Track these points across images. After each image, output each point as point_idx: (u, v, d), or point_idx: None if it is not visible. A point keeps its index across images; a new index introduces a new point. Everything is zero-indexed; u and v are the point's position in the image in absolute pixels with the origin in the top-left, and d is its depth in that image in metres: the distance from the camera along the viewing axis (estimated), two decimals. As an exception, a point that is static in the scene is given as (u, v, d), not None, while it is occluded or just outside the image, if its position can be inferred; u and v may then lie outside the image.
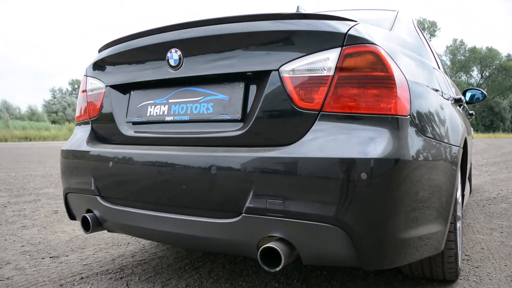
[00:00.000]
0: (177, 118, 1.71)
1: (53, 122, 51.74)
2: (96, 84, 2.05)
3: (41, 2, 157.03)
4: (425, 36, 2.79)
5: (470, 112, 4.00)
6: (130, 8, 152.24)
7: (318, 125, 1.40)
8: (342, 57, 1.40)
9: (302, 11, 1.85)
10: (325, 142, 1.36)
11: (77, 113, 2.22)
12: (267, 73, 1.49)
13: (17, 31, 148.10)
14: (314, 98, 1.42)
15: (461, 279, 2.09)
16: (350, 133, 1.36)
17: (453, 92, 2.54)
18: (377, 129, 1.36)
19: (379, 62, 1.39)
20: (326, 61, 1.41)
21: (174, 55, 1.67)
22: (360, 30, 1.43)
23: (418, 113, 1.49)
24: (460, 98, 2.58)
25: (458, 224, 2.03)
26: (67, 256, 2.55)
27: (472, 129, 4.27)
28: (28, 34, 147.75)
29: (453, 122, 1.95)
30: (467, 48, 67.59)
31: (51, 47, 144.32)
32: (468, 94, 3.87)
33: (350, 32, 1.41)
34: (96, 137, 2.03)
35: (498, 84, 64.59)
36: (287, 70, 1.45)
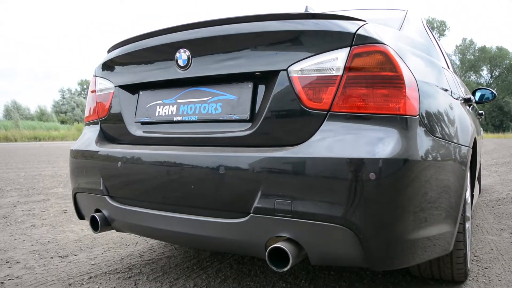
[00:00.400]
0: (185, 118, 1.72)
1: (62, 122, 52.22)
2: (105, 85, 2.06)
3: (41, 2, 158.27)
4: (434, 35, 2.77)
5: (480, 112, 3.97)
6: (130, 8, 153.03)
7: (327, 125, 1.40)
8: (351, 57, 1.39)
9: (311, 11, 1.85)
10: (334, 142, 1.35)
11: (86, 113, 2.23)
12: (275, 73, 1.49)
13: (17, 31, 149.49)
14: (322, 98, 1.42)
15: (470, 280, 2.07)
16: (359, 133, 1.36)
17: (462, 91, 2.52)
18: (386, 129, 1.35)
19: (388, 62, 1.38)
20: (335, 61, 1.41)
21: (182, 55, 1.67)
22: (369, 30, 1.43)
23: (427, 113, 1.49)
24: (470, 98, 2.56)
25: (467, 225, 2.02)
26: (75, 255, 2.57)
27: (481, 129, 4.23)
28: (28, 34, 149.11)
29: (463, 122, 1.93)
30: (476, 48, 67.03)
31: (51, 47, 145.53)
32: (478, 94, 3.86)
33: (359, 31, 1.41)
34: (105, 137, 2.05)
35: (508, 83, 63.90)
36: (295, 70, 1.45)
